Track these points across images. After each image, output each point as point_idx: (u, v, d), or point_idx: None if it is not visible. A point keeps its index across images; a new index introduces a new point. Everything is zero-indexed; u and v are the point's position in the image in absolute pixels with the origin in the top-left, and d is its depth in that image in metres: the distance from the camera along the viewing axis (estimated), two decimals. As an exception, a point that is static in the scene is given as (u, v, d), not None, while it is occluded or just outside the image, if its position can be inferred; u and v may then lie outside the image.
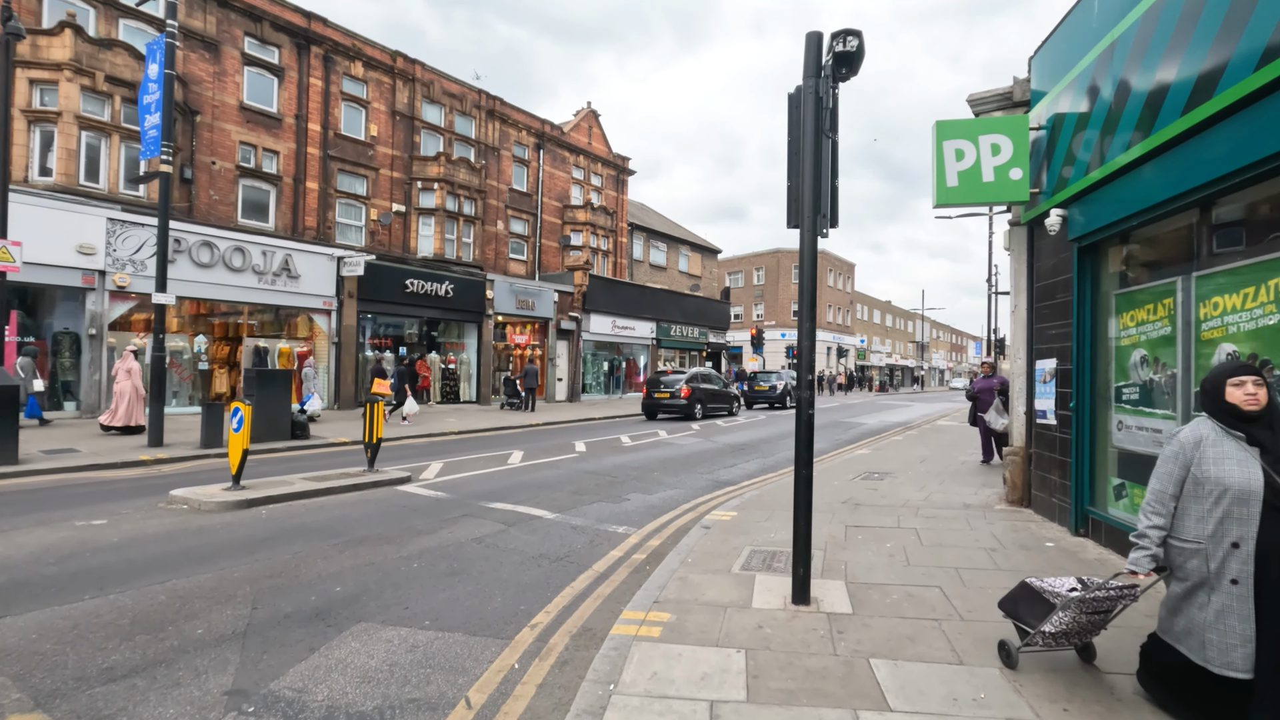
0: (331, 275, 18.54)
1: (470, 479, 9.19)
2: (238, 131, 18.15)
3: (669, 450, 13.00)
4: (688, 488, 9.08)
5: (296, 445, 12.68)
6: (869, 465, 10.79)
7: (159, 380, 11.60)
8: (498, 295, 23.30)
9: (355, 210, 21.15)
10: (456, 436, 15.09)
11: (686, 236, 38.75)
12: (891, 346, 73.81)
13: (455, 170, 22.95)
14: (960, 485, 8.92)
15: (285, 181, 19.19)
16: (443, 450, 12.38)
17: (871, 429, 18.90)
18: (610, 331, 28.54)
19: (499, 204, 25.86)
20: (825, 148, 4.38)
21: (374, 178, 21.51)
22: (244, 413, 7.38)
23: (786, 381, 27.27)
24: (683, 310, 33.29)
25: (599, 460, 11.38)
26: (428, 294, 20.90)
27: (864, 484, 8.97)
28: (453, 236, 22.99)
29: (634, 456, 11.98)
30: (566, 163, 29.14)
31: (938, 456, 11.96)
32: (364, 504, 7.41)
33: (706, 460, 11.76)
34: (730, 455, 12.51)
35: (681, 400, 20.29)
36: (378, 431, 8.88)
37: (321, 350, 18.75)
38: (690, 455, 12.36)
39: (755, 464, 11.51)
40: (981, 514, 7.00)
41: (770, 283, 55.69)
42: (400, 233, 22.23)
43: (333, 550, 5.64)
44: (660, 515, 7.36)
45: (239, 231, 16.94)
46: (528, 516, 7.07)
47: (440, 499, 7.81)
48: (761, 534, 6.19)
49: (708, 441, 14.64)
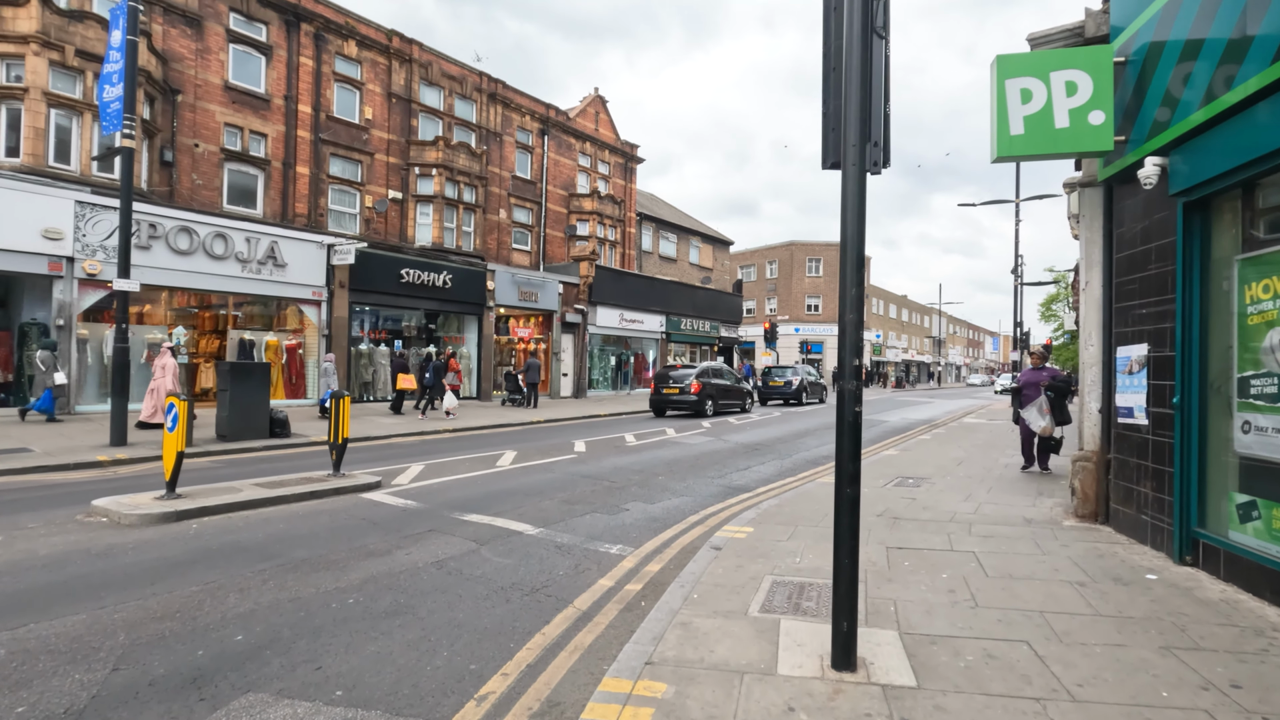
0: (321, 264, 17.56)
1: (450, 484, 8.13)
2: (223, 112, 17.19)
3: (677, 451, 11.88)
4: (696, 495, 7.96)
5: (274, 445, 11.72)
6: (900, 469, 9.61)
7: (121, 374, 10.66)
8: (499, 286, 22.26)
9: (349, 197, 20.18)
10: (450, 435, 14.06)
11: (697, 227, 37.55)
12: (907, 342, 72.16)
13: (455, 155, 21.92)
14: (1011, 494, 7.73)
15: (274, 166, 18.23)
16: (430, 450, 11.34)
17: (895, 427, 17.67)
18: (618, 325, 27.43)
19: (501, 191, 24.81)
20: (877, 51, 3.23)
21: (369, 163, 20.52)
22: (179, 410, 6.34)
23: (802, 377, 26.04)
24: (694, 303, 32.12)
25: (598, 462, 10.28)
26: (425, 285, 19.89)
27: (899, 492, 7.80)
28: (452, 225, 21.97)
29: (638, 458, 10.87)
30: (572, 149, 28.03)
31: (975, 459, 10.75)
32: (317, 516, 6.36)
33: (718, 462, 10.63)
34: (744, 456, 11.38)
35: (691, 396, 19.16)
36: (344, 431, 7.84)
37: (311, 343, 17.79)
38: (700, 456, 11.24)
39: (772, 467, 10.37)
40: (1049, 532, 5.82)
41: (784, 276, 54.33)
42: (397, 221, 21.23)
43: (255, 579, 4.57)
44: (663, 530, 6.25)
45: (223, 217, 15.98)
46: (506, 532, 5.98)
47: (408, 509, 6.75)
48: (784, 558, 5.07)
49: (719, 441, 13.50)
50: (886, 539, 5.64)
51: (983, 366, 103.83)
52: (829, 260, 53.52)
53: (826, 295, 53.35)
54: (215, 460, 10.04)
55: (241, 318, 17.21)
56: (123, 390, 10.67)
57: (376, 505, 6.88)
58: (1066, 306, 52.03)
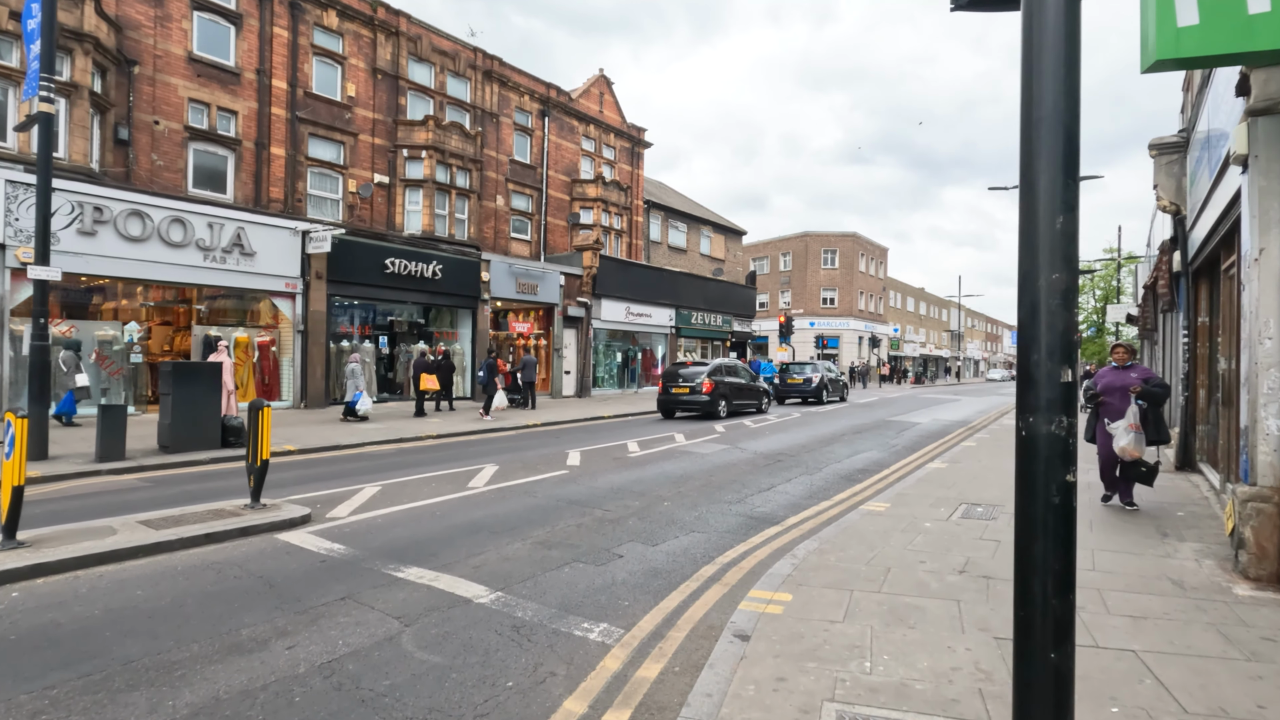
0: (295, 253, 15.99)
1: (400, 517, 6.48)
2: (186, 87, 15.64)
3: (686, 463, 10.19)
4: (710, 530, 6.28)
5: (224, 457, 10.20)
6: (960, 490, 7.87)
7: (40, 376, 9.12)
8: (495, 277, 20.63)
9: (330, 181, 18.60)
10: (432, 442, 12.47)
11: (708, 216, 35.76)
12: (925, 336, 69.98)
13: (446, 137, 20.28)
14: (1123, 535, 5.98)
15: (245, 146, 16.67)
16: (398, 464, 9.73)
17: (929, 430, 15.88)
18: (624, 319, 25.75)
19: (498, 176, 23.15)
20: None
21: (352, 144, 18.92)
22: (16, 429, 4.74)
23: (822, 374, 24.25)
24: (705, 296, 30.37)
25: (592, 480, 8.61)
26: (413, 276, 18.29)
27: (974, 529, 6.08)
28: (444, 212, 20.35)
29: (640, 473, 9.20)
30: (575, 132, 26.33)
31: (1043, 474, 8.98)
32: (199, 574, 4.74)
33: (735, 478, 8.94)
34: (765, 470, 9.67)
35: (703, 396, 17.46)
36: (264, 449, 6.20)
37: (286, 340, 16.25)
38: (713, 470, 9.55)
39: (800, 485, 8.66)
40: (1227, 609, 4.06)
41: (798, 268, 52.39)
42: (384, 207, 19.64)
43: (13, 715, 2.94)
44: (667, 594, 4.58)
45: (184, 201, 14.44)
46: (448, 600, 4.33)
47: (329, 559, 5.12)
48: (846, 659, 3.38)
49: (735, 449, 11.80)
50: (991, 621, 3.92)
51: (1001, 361, 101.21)
52: (844, 251, 51.53)
53: (842, 288, 51.38)
54: (140, 479, 8.48)
55: (206, 312, 15.69)
56: (41, 396, 9.14)
57: (289, 553, 5.24)
58: (1093, 297, 49.67)
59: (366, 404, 14.72)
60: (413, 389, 19.25)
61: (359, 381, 14.83)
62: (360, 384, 14.82)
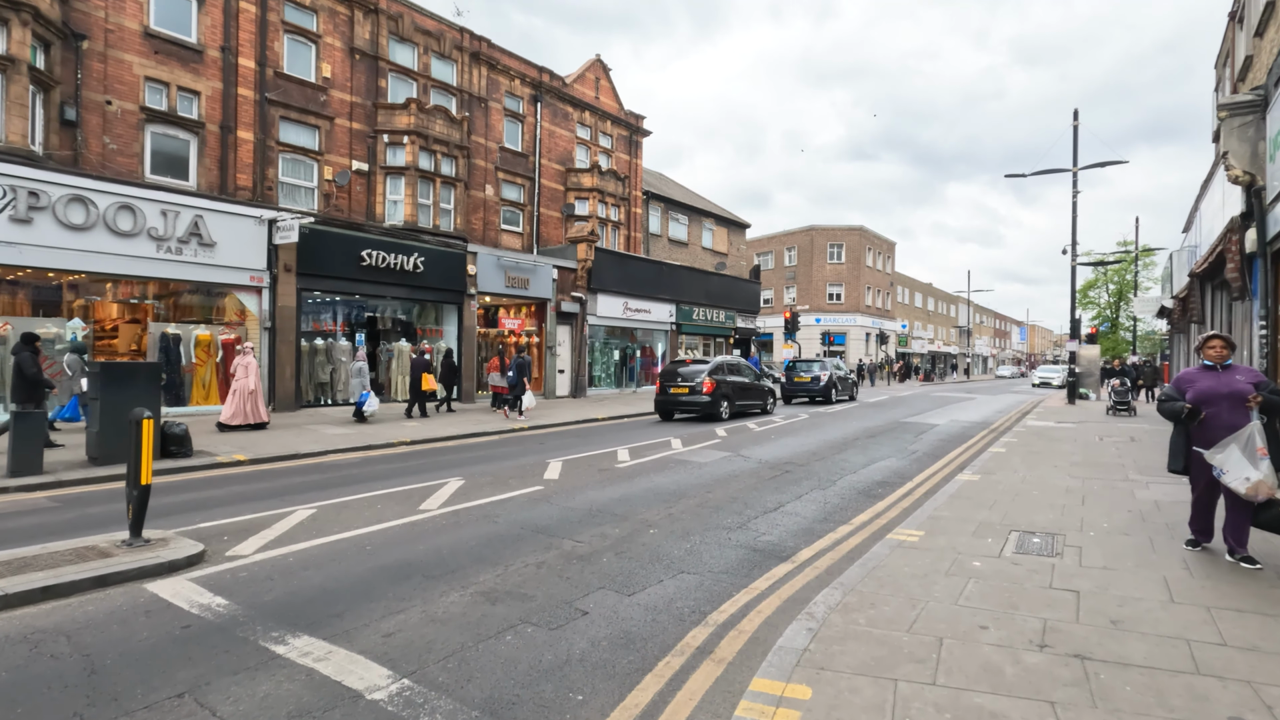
0: (260, 243, 14.79)
1: (319, 554, 5.26)
2: (142, 64, 14.44)
3: (681, 475, 8.95)
4: (702, 569, 5.04)
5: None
6: (1001, 510, 6.61)
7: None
8: (482, 271, 19.40)
9: (304, 168, 17.39)
10: (405, 449, 11.29)
11: (711, 208, 34.45)
12: (934, 332, 68.54)
13: (430, 121, 19.05)
14: (1249, 585, 4.68)
15: (209, 130, 15.47)
16: (353, 478, 8.52)
17: (948, 433, 14.59)
18: (621, 315, 24.49)
19: (487, 165, 21.92)
20: None
21: (328, 129, 17.71)
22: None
23: (831, 372, 22.95)
24: (707, 291, 29.09)
25: (569, 499, 7.38)
26: (391, 269, 17.07)
27: (1037, 572, 4.81)
28: (428, 201, 19.13)
29: (626, 489, 7.96)
30: (569, 119, 25.06)
31: (1097, 491, 7.70)
32: (9, 649, 3.51)
33: (736, 495, 7.69)
34: (771, 484, 8.42)
35: (703, 397, 16.21)
36: (145, 472, 4.98)
37: (253, 338, 15.04)
38: (712, 484, 8.31)
39: (812, 503, 7.41)
40: None
41: (803, 263, 51.03)
42: (363, 196, 18.43)
43: None
44: (639, 679, 3.34)
45: (136, 186, 13.25)
46: (329, 695, 3.10)
47: (201, 620, 3.90)
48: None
49: (737, 457, 10.55)
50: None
51: (1009, 357, 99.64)
52: (851, 245, 50.14)
53: (849, 283, 50.00)
54: (51, 497, 7.32)
55: (162, 309, 14.51)
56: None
57: (150, 613, 4.02)
58: (1106, 291, 48.11)
59: (373, 404, 14.00)
60: (396, 389, 18.13)
61: (365, 381, 14.08)
62: (367, 383, 14.10)
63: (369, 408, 13.94)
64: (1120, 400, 17.07)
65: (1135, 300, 22.29)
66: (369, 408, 13.94)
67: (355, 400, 13.96)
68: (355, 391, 14.08)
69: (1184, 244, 16.63)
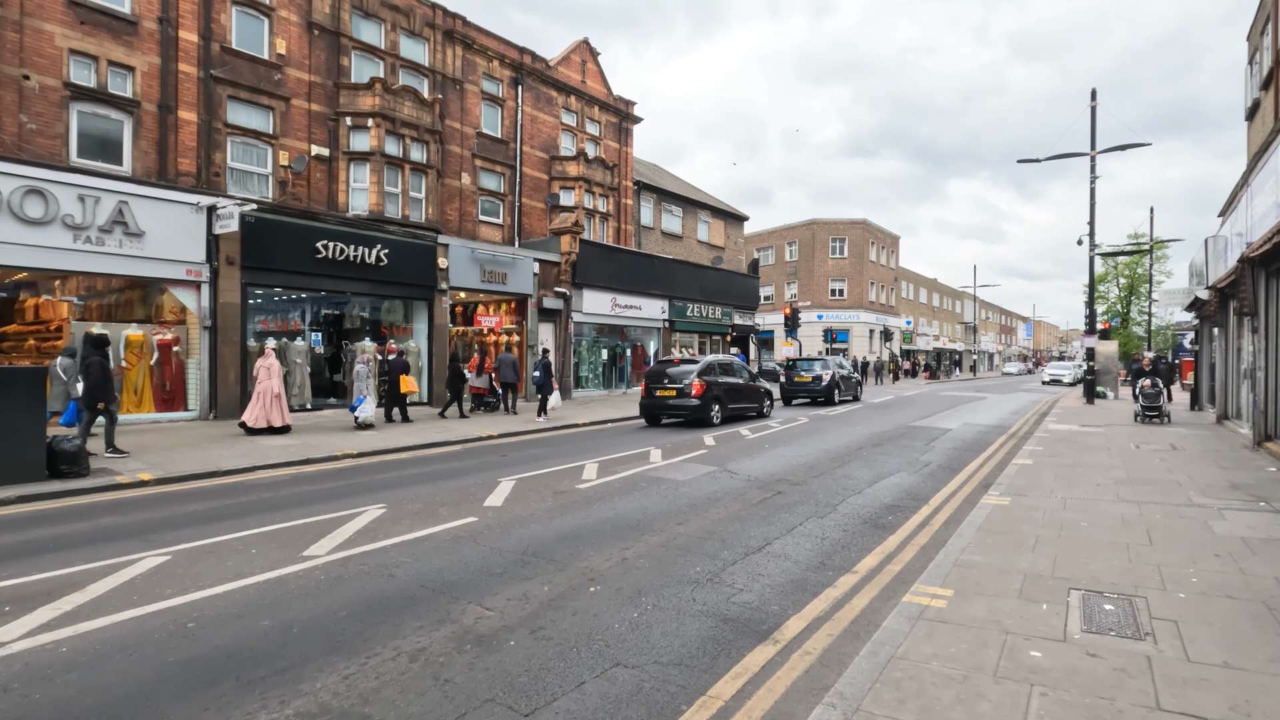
0: (198, 233, 13.37)
1: (119, 635, 3.82)
2: (66, 35, 13.02)
3: (651, 499, 7.50)
4: (647, 659, 3.58)
5: (44, 493, 7.69)
6: (1049, 553, 5.15)
7: None
8: (455, 264, 17.95)
9: (257, 152, 15.97)
10: (349, 462, 9.91)
11: (707, 200, 32.94)
12: (939, 328, 66.92)
13: (397, 103, 17.61)
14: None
15: (146, 109, 14.05)
16: (260, 505, 7.09)
17: (963, 439, 13.11)
18: (609, 311, 23.03)
19: (463, 151, 20.47)
20: None
21: (283, 110, 16.28)
22: None
23: (833, 370, 21.46)
24: (702, 286, 27.60)
25: (501, 536, 5.93)
26: (351, 262, 15.63)
27: (1118, 665, 3.35)
28: (396, 189, 17.70)
29: (578, 521, 6.51)
30: (553, 104, 23.59)
31: (1163, 523, 6.22)
32: None
33: (713, 529, 6.24)
34: (758, 510, 6.96)
35: (692, 400, 14.75)
36: None
37: (194, 339, 13.64)
38: (685, 512, 6.85)
39: (807, 539, 5.95)
40: None
41: (804, 258, 49.47)
42: (324, 184, 17.00)
43: None
44: None
45: (50, 169, 11.84)
46: None
47: None
48: None
49: (723, 473, 9.09)
50: None
51: (1016, 354, 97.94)
52: (854, 240, 48.58)
53: (852, 278, 48.45)
54: None
55: (82, 306, 13.11)
56: None
57: None
58: (1116, 286, 46.50)
59: (368, 410, 12.91)
60: (352, 392, 16.68)
61: (365, 385, 13.10)
62: (367, 388, 13.11)
63: (363, 413, 12.80)
64: (1150, 405, 14.98)
65: (1159, 292, 20.75)
66: (363, 413, 12.80)
67: (352, 405, 13.06)
68: (356, 395, 13.16)
69: (1222, 229, 15.09)
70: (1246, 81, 18.22)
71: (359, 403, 12.92)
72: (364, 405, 12.87)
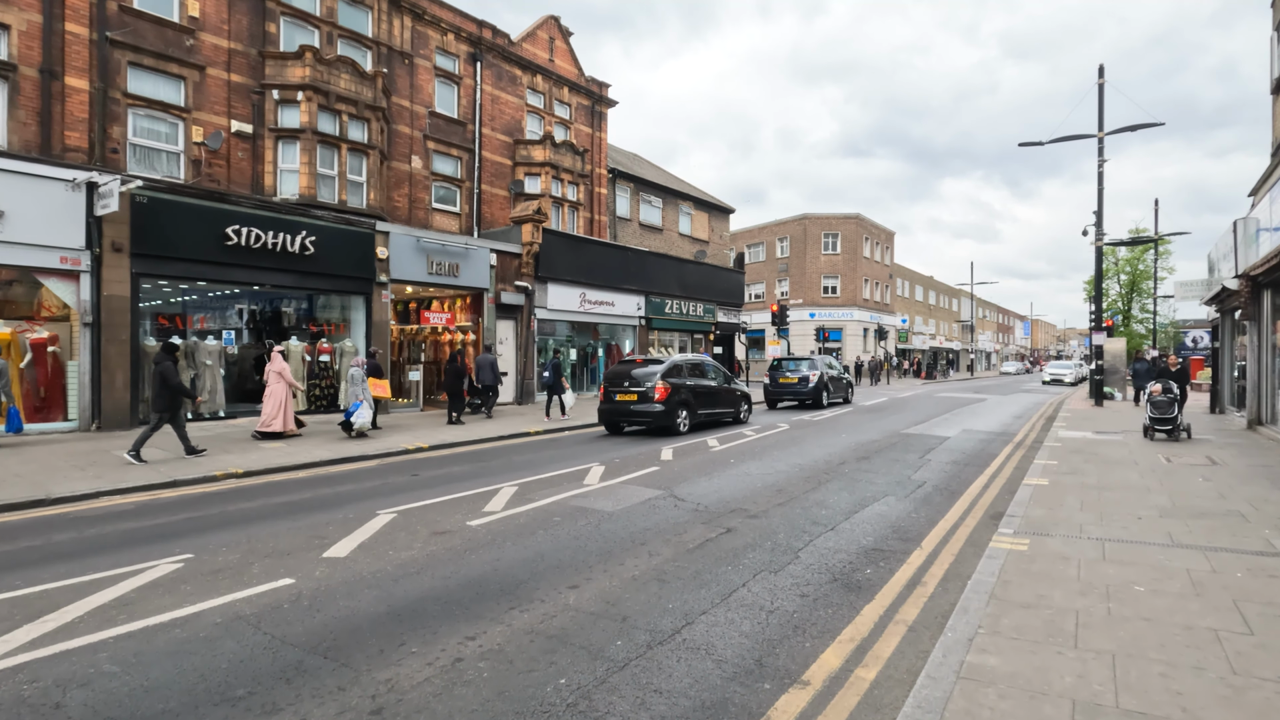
0: (76, 215, 11.52)
1: None
2: (-80, -15, 11.19)
3: (558, 541, 5.70)
4: None
5: None
6: (1098, 648, 3.39)
7: None
8: (397, 254, 16.12)
9: (166, 127, 14.15)
10: (227, 485, 8.10)
11: (689, 190, 31.14)
12: (935, 327, 65.25)
13: (332, 75, 15.80)
14: None
15: (24, 74, 12.23)
16: (39, 555, 5.28)
17: (962, 449, 11.34)
18: (578, 307, 21.22)
19: (413, 132, 18.66)
20: None
21: (197, 80, 14.46)
22: None
23: (821, 371, 19.70)
24: (682, 281, 25.81)
25: (308, 613, 4.13)
26: (270, 249, 13.79)
27: None
28: (332, 172, 15.90)
29: (432, 581, 4.72)
30: (518, 84, 21.78)
31: (1254, 590, 4.46)
32: None
33: (619, 595, 4.47)
34: (691, 565, 5.17)
35: (655, 405, 12.97)
36: None
37: (75, 337, 11.79)
38: (592, 566, 5.06)
39: (747, 614, 4.16)
40: None
41: (796, 255, 47.71)
42: (247, 164, 15.18)
43: None
44: None
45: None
46: None
47: None
48: None
49: (666, 500, 7.30)
50: None
51: (1013, 353, 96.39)
52: (847, 235, 46.84)
53: (845, 275, 46.71)
54: None
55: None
56: None
57: None
58: (1117, 282, 44.96)
59: (364, 416, 11.85)
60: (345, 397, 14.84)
61: (359, 390, 12.05)
62: (362, 393, 12.03)
63: (359, 419, 11.80)
64: (1162, 418, 11.34)
65: (1174, 284, 19.02)
66: (359, 419, 11.80)
67: (346, 411, 12.01)
68: (349, 400, 12.12)
69: (1254, 210, 13.36)
70: (1273, 50, 16.52)
71: (355, 408, 11.84)
72: (360, 411, 11.82)
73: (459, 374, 14.67)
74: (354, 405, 11.89)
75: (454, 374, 14.62)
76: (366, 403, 12.03)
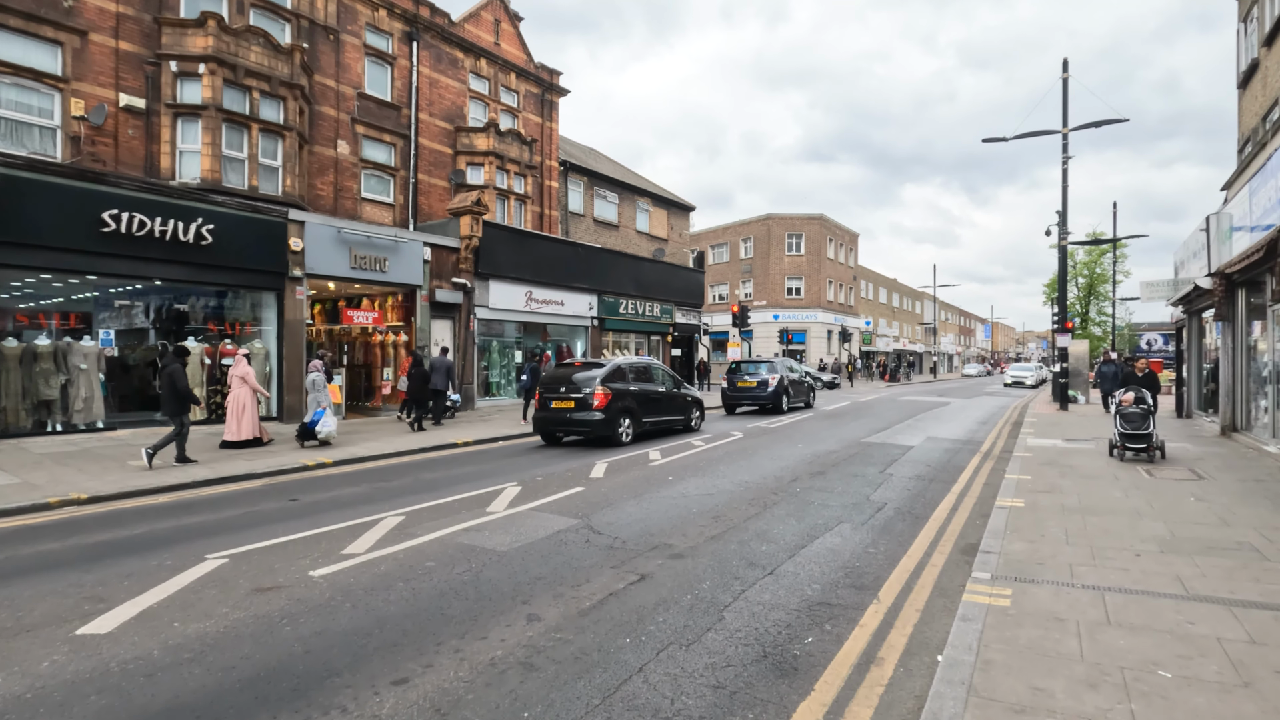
0: (-95, 193, 9.81)
1: None
2: None
3: (416, 599, 4.41)
4: None
5: None
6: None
7: None
8: (314, 247, 14.56)
9: (40, 99, 12.44)
10: (72, 511, 6.52)
11: (647, 187, 29.97)
12: (899, 329, 65.29)
13: (241, 47, 14.20)
14: None
15: None
16: None
17: (927, 460, 10.31)
18: (523, 306, 19.84)
19: (340, 115, 17.10)
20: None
21: (78, 47, 12.76)
22: None
23: (782, 374, 18.66)
24: (638, 280, 24.61)
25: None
26: (157, 239, 12.15)
27: None
28: (241, 154, 14.30)
29: (220, 669, 3.38)
30: (459, 67, 20.34)
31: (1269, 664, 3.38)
32: None
33: (469, 691, 3.20)
34: (579, 639, 3.92)
35: (594, 414, 11.72)
36: None
37: (-92, 336, 10.07)
38: (439, 644, 3.78)
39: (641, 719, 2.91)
40: None
41: (760, 255, 46.93)
42: (139, 143, 13.50)
43: None
44: None
45: None
46: None
47: None
48: None
49: (578, 532, 6.05)
50: None
51: (975, 355, 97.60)
52: (811, 236, 46.23)
53: (809, 276, 46.08)
54: None
55: None
56: None
57: None
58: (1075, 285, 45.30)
59: (329, 425, 11.09)
60: (307, 405, 13.18)
61: (321, 396, 11.52)
62: (324, 399, 11.49)
63: (323, 429, 11.02)
64: (1135, 435, 9.40)
65: (1140, 284, 18.46)
66: (323, 429, 11.02)
67: (309, 420, 11.15)
68: (310, 408, 11.52)
69: (1227, 205, 12.67)
70: (1240, 44, 16.01)
71: (318, 416, 11.14)
72: (324, 419, 11.11)
73: (424, 378, 13.77)
74: (317, 413, 11.18)
75: (419, 378, 13.65)
76: (329, 409, 11.22)
